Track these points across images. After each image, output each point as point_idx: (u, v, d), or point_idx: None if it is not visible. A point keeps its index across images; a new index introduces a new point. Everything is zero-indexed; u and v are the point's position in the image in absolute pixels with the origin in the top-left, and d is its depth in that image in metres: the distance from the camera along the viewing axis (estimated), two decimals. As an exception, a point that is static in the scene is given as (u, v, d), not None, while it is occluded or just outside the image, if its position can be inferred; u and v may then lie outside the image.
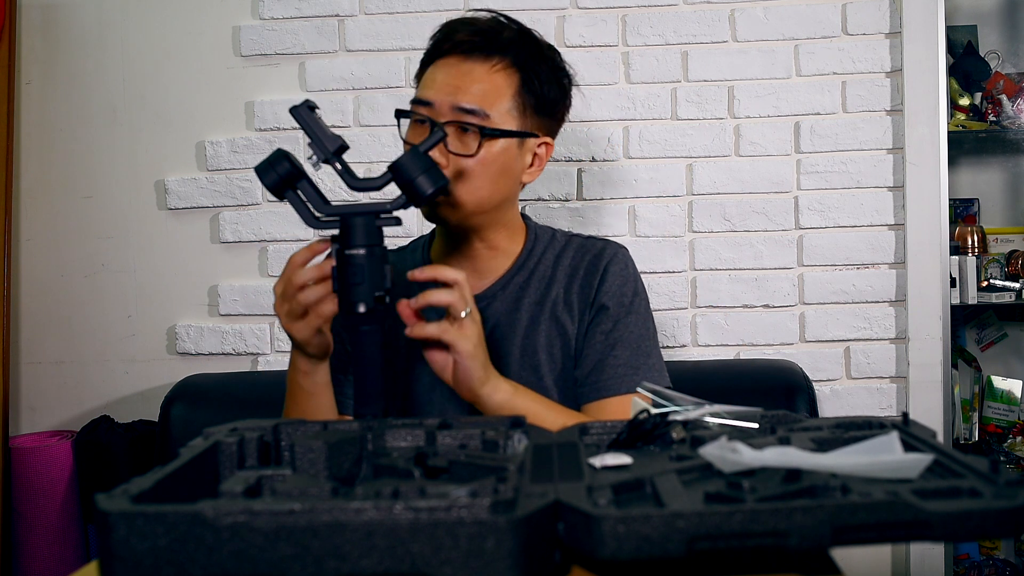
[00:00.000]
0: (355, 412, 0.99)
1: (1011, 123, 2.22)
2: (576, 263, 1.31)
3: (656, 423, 0.82)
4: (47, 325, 2.15)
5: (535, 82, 1.24)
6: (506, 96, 1.22)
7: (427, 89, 1.23)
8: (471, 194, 1.21)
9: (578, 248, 1.32)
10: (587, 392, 1.26)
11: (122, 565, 0.58)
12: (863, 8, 2.04)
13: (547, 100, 1.26)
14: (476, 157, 1.19)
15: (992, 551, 2.23)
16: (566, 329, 1.28)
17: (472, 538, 0.57)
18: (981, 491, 0.61)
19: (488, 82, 1.21)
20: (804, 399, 1.78)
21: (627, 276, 1.30)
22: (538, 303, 1.29)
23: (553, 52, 1.29)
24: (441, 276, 1.07)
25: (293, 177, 1.02)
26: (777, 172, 2.05)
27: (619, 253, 1.32)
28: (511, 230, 1.31)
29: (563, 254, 1.32)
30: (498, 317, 1.28)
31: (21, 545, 1.99)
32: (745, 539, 0.58)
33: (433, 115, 1.20)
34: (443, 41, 1.25)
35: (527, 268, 1.31)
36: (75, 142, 2.14)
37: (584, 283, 1.29)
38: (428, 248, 1.36)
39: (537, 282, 1.30)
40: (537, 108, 1.25)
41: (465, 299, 1.07)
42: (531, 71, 1.24)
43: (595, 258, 1.30)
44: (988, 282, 2.20)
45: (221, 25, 2.12)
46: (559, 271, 1.30)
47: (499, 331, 1.28)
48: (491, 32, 1.23)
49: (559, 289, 1.29)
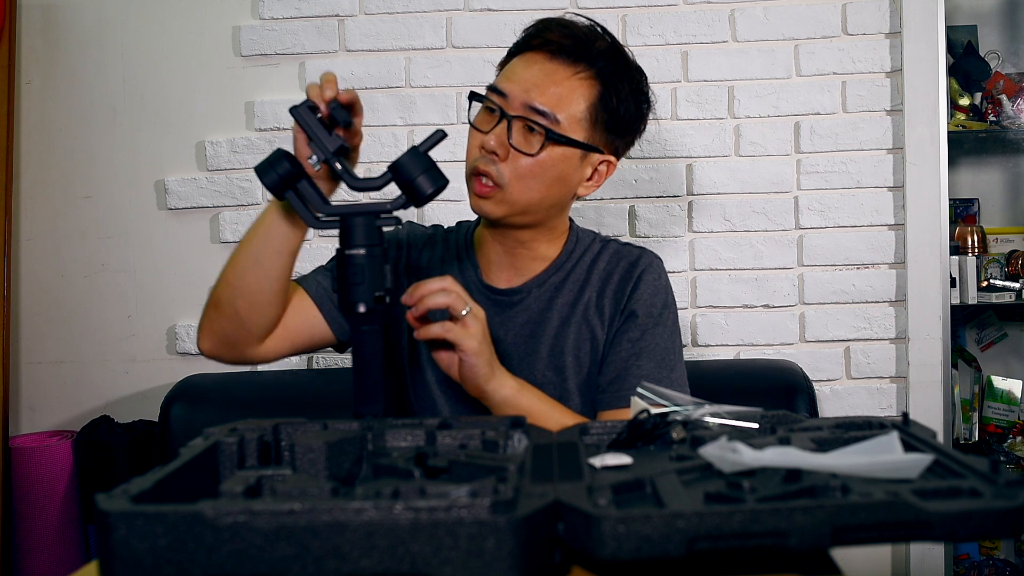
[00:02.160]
0: (355, 412, 0.99)
1: (1011, 123, 2.22)
2: (611, 268, 1.30)
3: (656, 423, 0.82)
4: (47, 325, 2.15)
5: (614, 99, 1.22)
6: (581, 105, 1.20)
7: (505, 80, 1.22)
8: (523, 193, 1.20)
9: (614, 254, 1.31)
10: (607, 399, 1.24)
11: (122, 565, 0.58)
12: (863, 8, 2.04)
13: (622, 119, 1.24)
14: (536, 158, 1.19)
15: (992, 551, 2.23)
16: (595, 333, 1.27)
17: (472, 538, 0.57)
18: (981, 491, 0.61)
19: (566, 87, 1.20)
20: (804, 399, 1.78)
21: (659, 287, 1.29)
22: (571, 304, 1.28)
23: (640, 75, 1.27)
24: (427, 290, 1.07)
25: (293, 177, 1.02)
26: (777, 172, 2.05)
27: (654, 263, 1.31)
28: (554, 236, 1.30)
29: (599, 258, 1.31)
30: (530, 313, 1.28)
31: (21, 545, 1.98)
32: (745, 539, 0.58)
33: (505, 106, 1.19)
34: (535, 36, 1.23)
35: (564, 269, 1.30)
36: (75, 142, 2.14)
37: (618, 289, 1.28)
38: (471, 238, 1.35)
39: (572, 284, 1.29)
40: (609, 124, 1.23)
41: (462, 298, 1.08)
42: (613, 87, 1.22)
43: (631, 265, 1.29)
44: (988, 282, 2.20)
45: (221, 25, 2.12)
46: (594, 274, 1.29)
47: (529, 327, 1.28)
48: (584, 39, 1.21)
49: (592, 293, 1.28)
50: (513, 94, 1.19)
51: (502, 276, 1.30)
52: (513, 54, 1.26)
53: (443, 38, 2.08)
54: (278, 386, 1.92)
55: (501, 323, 1.27)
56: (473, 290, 1.28)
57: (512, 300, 1.28)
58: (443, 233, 1.39)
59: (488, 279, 1.30)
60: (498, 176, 1.19)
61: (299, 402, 1.85)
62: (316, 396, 1.86)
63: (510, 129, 1.18)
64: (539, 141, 1.18)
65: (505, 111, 1.19)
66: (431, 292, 1.06)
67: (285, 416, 0.87)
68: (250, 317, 1.18)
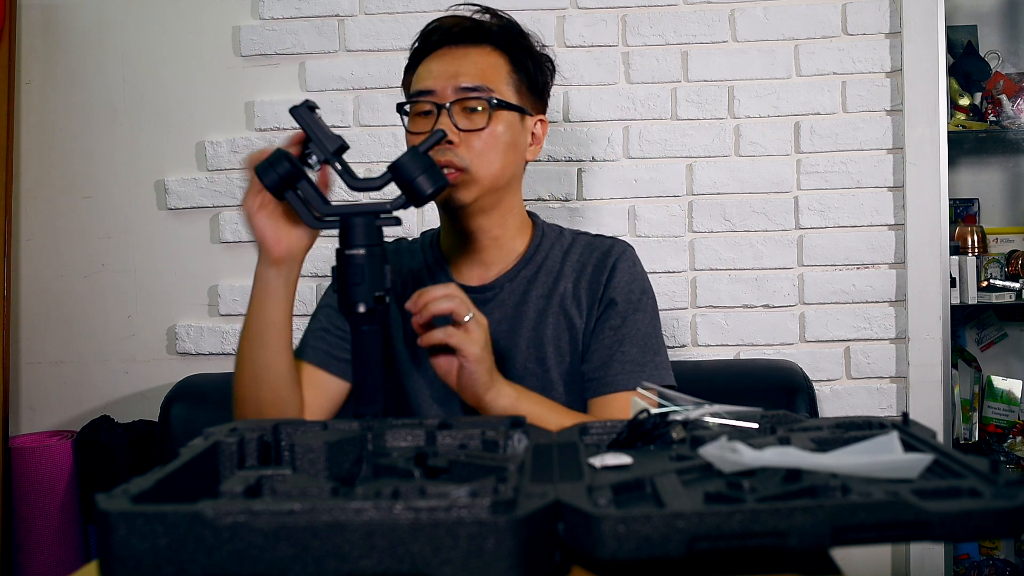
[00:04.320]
0: (355, 412, 0.99)
1: (1011, 123, 2.22)
2: (584, 259, 1.32)
3: (656, 423, 0.82)
4: (47, 325, 2.15)
5: (526, 62, 1.29)
6: (503, 74, 1.27)
7: (425, 80, 1.26)
8: (486, 168, 1.23)
9: (586, 245, 1.34)
10: (594, 387, 1.26)
11: (122, 565, 0.58)
12: (863, 8, 2.04)
13: (536, 81, 1.31)
14: (487, 130, 1.23)
15: (992, 551, 2.23)
16: (574, 323, 1.29)
17: (472, 538, 0.57)
18: (981, 491, 0.61)
19: (484, 63, 1.26)
20: (804, 399, 1.78)
21: (635, 273, 1.31)
22: (546, 296, 1.30)
23: (532, 38, 1.34)
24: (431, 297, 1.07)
25: (293, 177, 1.02)
26: (777, 172, 2.05)
27: (627, 251, 1.33)
28: (518, 222, 1.33)
29: (571, 250, 1.33)
30: (505, 308, 1.29)
31: (21, 545, 1.98)
32: (745, 539, 0.58)
33: (436, 100, 1.23)
34: (431, 35, 1.28)
35: (535, 262, 1.32)
36: (75, 142, 2.14)
37: (592, 278, 1.30)
38: (437, 244, 1.36)
39: (544, 276, 1.31)
40: (530, 88, 1.30)
41: (466, 304, 1.08)
42: (519, 53, 1.29)
43: (604, 255, 1.31)
44: (988, 282, 2.20)
45: (221, 25, 2.12)
46: (567, 266, 1.31)
47: (506, 323, 1.29)
48: (476, 22, 1.29)
49: (567, 284, 1.30)
50: (439, 87, 1.23)
51: (473, 274, 1.32)
52: (416, 61, 1.30)
53: (443, 38, 2.08)
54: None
55: None
56: None
57: (486, 296, 1.29)
58: (407, 244, 1.40)
59: (459, 278, 1.32)
60: (460, 160, 1.21)
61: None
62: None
63: (451, 115, 1.22)
64: (483, 116, 1.23)
65: (440, 104, 1.23)
66: (435, 298, 1.06)
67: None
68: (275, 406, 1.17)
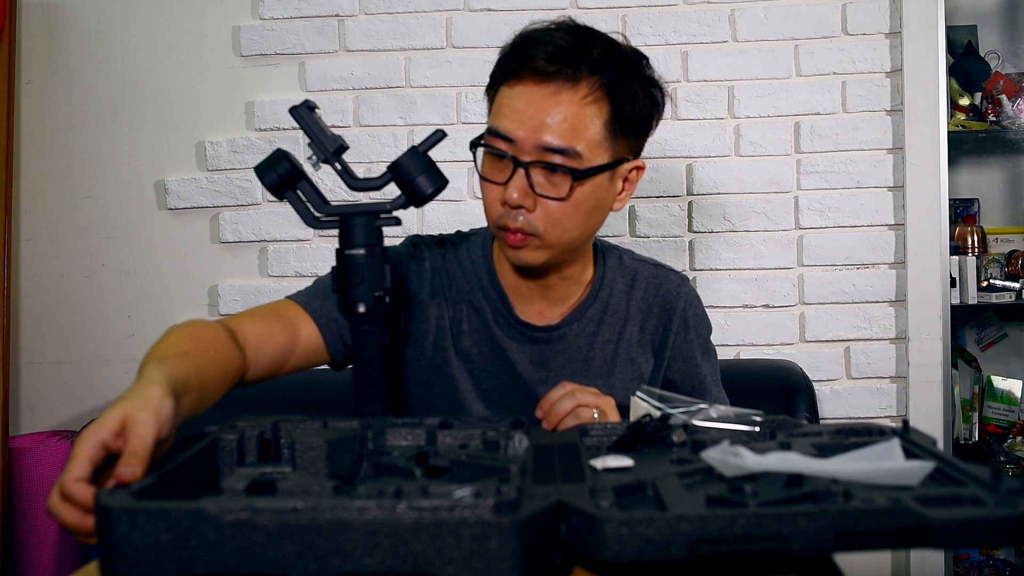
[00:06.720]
0: (355, 411, 0.99)
1: (1011, 123, 2.22)
2: (650, 299, 1.26)
3: (657, 426, 0.82)
4: (47, 325, 2.15)
5: (628, 105, 1.10)
6: (597, 126, 1.09)
7: (506, 119, 1.09)
8: (561, 236, 1.11)
9: (650, 281, 1.27)
10: None
11: (124, 561, 0.58)
12: (863, 8, 2.04)
13: (639, 120, 1.13)
14: (568, 200, 1.09)
15: (992, 552, 2.23)
16: (642, 372, 1.25)
17: (475, 538, 0.57)
18: (983, 499, 0.61)
19: (577, 115, 1.07)
20: (804, 399, 1.78)
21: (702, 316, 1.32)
22: (614, 343, 1.24)
23: (641, 62, 1.15)
24: (554, 398, 1.05)
25: (293, 177, 1.02)
26: (777, 172, 2.05)
27: (693, 293, 1.30)
28: (586, 257, 1.24)
29: (635, 286, 1.27)
30: (571, 352, 1.23)
31: (21, 545, 1.98)
32: (748, 543, 0.58)
33: (516, 152, 1.08)
34: (520, 62, 1.09)
35: (601, 300, 1.24)
36: (75, 142, 2.14)
37: (659, 323, 1.26)
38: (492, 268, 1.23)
39: (611, 319, 1.24)
40: (628, 131, 1.13)
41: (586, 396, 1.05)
42: (623, 93, 1.10)
43: (671, 297, 1.27)
44: (988, 282, 2.20)
45: (221, 25, 2.11)
46: (632, 306, 1.25)
47: (570, 366, 1.22)
48: (575, 52, 1.08)
49: (633, 328, 1.25)
50: (521, 138, 1.07)
51: (534, 309, 1.23)
52: (498, 79, 1.13)
53: (443, 38, 2.08)
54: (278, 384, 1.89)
55: (540, 360, 1.22)
56: (504, 325, 1.22)
57: (551, 337, 1.22)
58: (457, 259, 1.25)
59: (520, 314, 1.22)
60: (531, 228, 1.10)
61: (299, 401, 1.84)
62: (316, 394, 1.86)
63: (529, 176, 1.08)
64: (565, 181, 1.08)
65: (519, 159, 1.08)
66: (559, 400, 1.04)
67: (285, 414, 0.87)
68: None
